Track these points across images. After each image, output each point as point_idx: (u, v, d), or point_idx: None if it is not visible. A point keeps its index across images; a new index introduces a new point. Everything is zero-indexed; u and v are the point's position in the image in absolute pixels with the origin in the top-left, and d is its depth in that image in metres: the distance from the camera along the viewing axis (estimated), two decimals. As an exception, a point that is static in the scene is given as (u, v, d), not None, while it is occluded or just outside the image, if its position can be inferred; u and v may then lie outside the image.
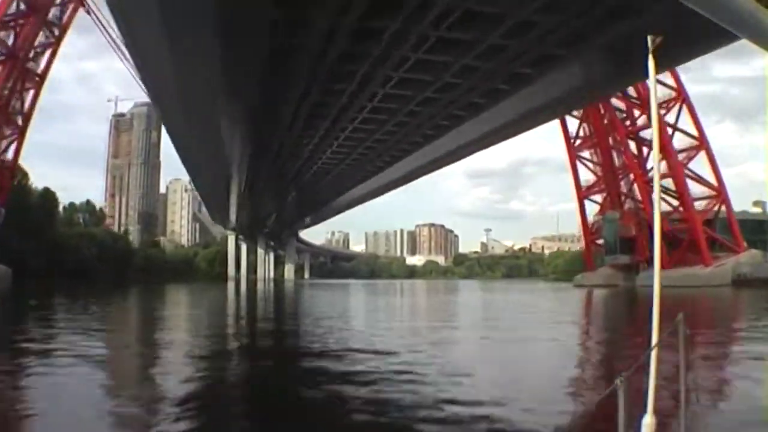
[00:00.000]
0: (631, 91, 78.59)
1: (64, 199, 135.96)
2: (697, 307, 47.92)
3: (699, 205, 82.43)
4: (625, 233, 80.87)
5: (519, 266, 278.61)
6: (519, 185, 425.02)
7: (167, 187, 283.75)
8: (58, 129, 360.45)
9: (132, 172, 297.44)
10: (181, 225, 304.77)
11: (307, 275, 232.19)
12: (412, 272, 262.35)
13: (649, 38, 3.80)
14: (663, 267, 30.48)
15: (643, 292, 64.05)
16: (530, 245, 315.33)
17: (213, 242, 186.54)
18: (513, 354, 19.07)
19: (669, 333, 3.84)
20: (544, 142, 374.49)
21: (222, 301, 57.01)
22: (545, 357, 18.38)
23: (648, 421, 3.65)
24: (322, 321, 30.96)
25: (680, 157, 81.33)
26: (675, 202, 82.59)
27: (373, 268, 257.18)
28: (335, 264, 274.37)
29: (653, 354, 3.71)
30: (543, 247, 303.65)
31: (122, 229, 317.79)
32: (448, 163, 65.85)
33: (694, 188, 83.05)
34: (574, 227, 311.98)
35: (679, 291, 64.97)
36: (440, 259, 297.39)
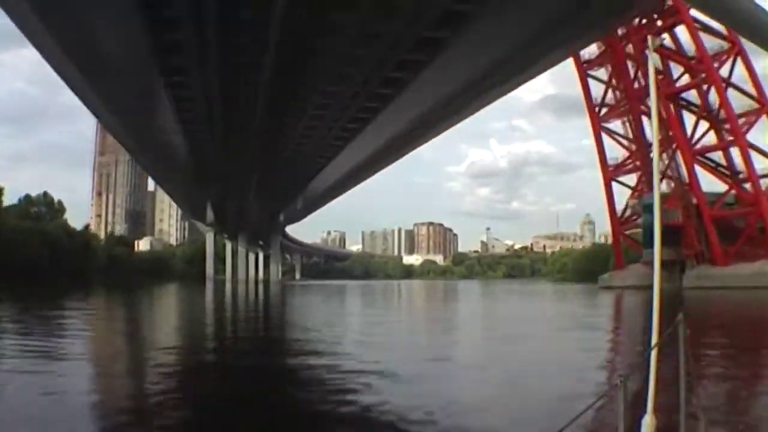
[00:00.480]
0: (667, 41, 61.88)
1: (69, 201, 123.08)
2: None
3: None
4: (669, 221, 61.85)
5: (521, 266, 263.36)
6: (520, 185, 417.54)
7: (156, 185, 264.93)
8: (61, 130, 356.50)
9: (119, 169, 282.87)
10: (170, 224, 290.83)
11: (298, 276, 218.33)
12: (408, 272, 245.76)
13: (649, 38, 3.86)
14: (719, 264, 64.13)
15: (699, 297, 47.66)
16: (531, 244, 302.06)
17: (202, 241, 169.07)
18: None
19: (668, 333, 3.86)
20: (544, 143, 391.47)
21: (183, 315, 41.07)
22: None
23: (648, 421, 3.63)
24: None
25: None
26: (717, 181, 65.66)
27: (367, 267, 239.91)
28: (329, 264, 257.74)
29: (653, 354, 3.71)
30: (545, 246, 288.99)
31: (109, 227, 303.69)
32: (422, 136, 50.33)
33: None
34: (575, 226, 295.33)
35: (743, 294, 48.51)
36: (438, 259, 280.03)
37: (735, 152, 63.44)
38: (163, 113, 43.08)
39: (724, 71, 63.93)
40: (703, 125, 65.32)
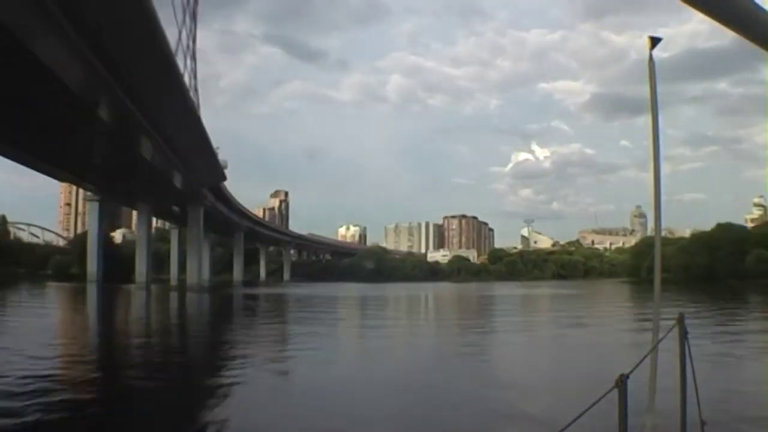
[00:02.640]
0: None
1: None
2: None
3: None
4: None
5: (572, 263, 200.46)
6: (562, 186, 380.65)
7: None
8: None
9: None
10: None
11: (287, 276, 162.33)
12: (434, 271, 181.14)
13: (649, 38, 3.55)
14: None
15: None
16: (578, 239, 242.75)
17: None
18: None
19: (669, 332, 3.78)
20: (585, 144, 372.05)
21: None
22: None
23: (648, 421, 3.61)
24: None
25: None
26: None
27: (380, 266, 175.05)
28: (335, 260, 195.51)
29: (653, 354, 3.60)
30: (593, 242, 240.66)
31: (79, 218, 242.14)
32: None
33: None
34: (625, 221, 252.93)
35: None
36: (471, 255, 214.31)
37: None
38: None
39: None
40: None
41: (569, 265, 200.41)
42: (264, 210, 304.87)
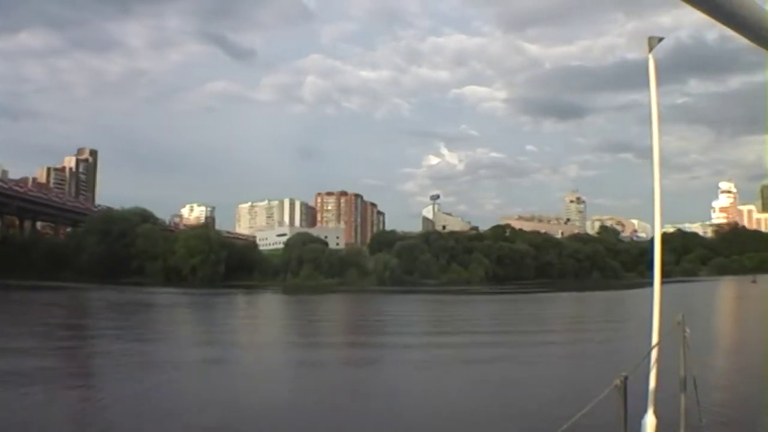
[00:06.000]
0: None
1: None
2: None
3: None
4: None
5: (518, 256, 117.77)
6: (472, 188, 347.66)
7: None
8: None
9: None
10: None
11: None
12: (245, 262, 78.64)
13: (649, 38, 3.53)
14: None
15: None
16: (505, 225, 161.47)
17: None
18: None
19: (668, 333, 3.65)
20: (494, 148, 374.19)
21: None
22: None
23: (648, 421, 3.50)
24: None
25: None
26: None
27: (122, 248, 70.46)
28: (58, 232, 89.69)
29: (653, 354, 3.54)
30: (521, 230, 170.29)
31: None
32: None
33: None
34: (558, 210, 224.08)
35: None
36: (336, 236, 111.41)
37: None
38: None
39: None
40: None
41: (512, 259, 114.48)
42: (48, 170, 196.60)
